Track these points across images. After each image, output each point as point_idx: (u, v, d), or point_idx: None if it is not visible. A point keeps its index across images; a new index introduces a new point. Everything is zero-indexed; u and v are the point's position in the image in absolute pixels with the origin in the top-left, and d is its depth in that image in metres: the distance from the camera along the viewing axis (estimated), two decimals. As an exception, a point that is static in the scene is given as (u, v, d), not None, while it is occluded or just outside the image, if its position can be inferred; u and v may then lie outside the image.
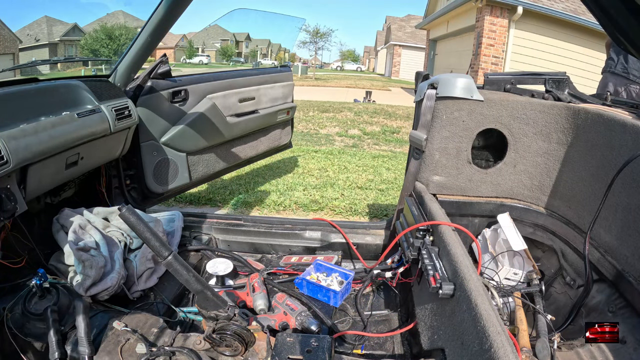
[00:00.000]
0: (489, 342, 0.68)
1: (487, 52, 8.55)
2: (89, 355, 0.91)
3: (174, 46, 43.55)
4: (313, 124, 6.26)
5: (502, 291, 1.20)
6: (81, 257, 1.18)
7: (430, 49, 14.68)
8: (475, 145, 1.45)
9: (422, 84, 1.44)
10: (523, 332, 1.07)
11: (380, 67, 35.01)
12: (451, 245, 1.01)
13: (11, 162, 1.05)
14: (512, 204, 1.47)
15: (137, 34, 1.61)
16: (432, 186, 1.49)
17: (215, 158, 2.18)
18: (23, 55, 2.86)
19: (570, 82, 1.42)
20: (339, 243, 1.68)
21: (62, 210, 1.43)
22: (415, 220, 1.24)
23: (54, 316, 1.00)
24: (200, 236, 1.75)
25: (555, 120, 1.33)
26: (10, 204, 1.08)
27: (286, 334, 1.01)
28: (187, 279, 0.89)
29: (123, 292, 1.27)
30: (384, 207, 2.88)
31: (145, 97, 1.76)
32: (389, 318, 1.40)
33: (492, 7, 8.27)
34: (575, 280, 1.23)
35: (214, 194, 3.03)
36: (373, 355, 1.21)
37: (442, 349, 0.92)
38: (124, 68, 1.65)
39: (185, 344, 0.99)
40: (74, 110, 1.35)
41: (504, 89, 1.49)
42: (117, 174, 1.79)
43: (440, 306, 1.00)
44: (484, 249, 1.46)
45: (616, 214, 1.09)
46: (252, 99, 2.19)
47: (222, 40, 44.81)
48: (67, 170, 1.37)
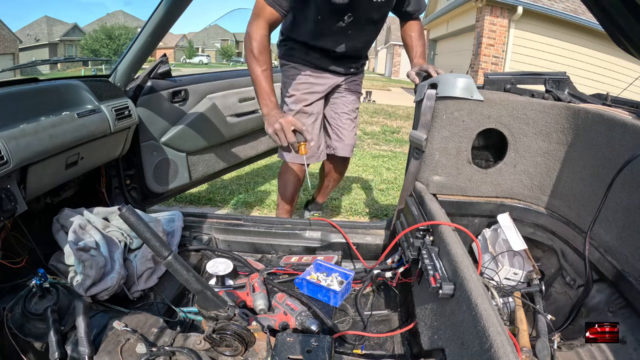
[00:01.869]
0: (489, 342, 0.68)
1: (487, 52, 8.55)
2: (89, 355, 0.91)
3: (174, 46, 43.61)
4: (313, 124, 6.25)
5: (502, 291, 1.20)
6: (81, 257, 1.18)
7: (430, 48, 14.67)
8: (475, 145, 1.45)
9: (422, 84, 1.44)
10: (523, 332, 1.07)
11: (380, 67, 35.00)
12: (451, 245, 1.01)
13: (11, 162, 1.05)
14: (512, 204, 1.48)
15: (137, 34, 1.61)
16: (432, 186, 1.49)
17: (215, 158, 2.18)
18: (23, 55, 2.87)
19: (570, 82, 1.42)
20: (339, 243, 1.68)
21: (62, 210, 1.43)
22: (416, 220, 1.24)
23: (54, 316, 1.00)
24: (200, 236, 1.75)
25: (555, 120, 1.33)
26: (10, 204, 1.08)
27: (286, 334, 1.01)
28: (187, 279, 0.89)
29: (123, 292, 1.27)
30: (384, 207, 2.88)
31: (145, 97, 1.76)
32: (389, 318, 1.40)
33: (492, 7, 8.27)
34: (575, 280, 1.23)
35: (214, 194, 3.03)
36: (373, 355, 1.21)
37: (442, 349, 0.92)
38: (124, 68, 1.65)
39: (185, 344, 0.99)
40: (74, 110, 1.35)
41: (504, 89, 1.49)
42: (117, 174, 1.79)
43: (440, 306, 1.00)
44: (484, 249, 1.46)
45: (616, 214, 1.09)
46: (252, 99, 2.20)
47: (222, 40, 44.74)
48: (67, 170, 1.37)
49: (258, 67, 1.36)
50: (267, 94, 1.35)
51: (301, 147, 1.25)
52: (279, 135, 1.25)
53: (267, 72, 1.37)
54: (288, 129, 1.24)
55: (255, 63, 1.36)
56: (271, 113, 1.31)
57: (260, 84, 1.36)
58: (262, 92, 1.36)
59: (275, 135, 1.26)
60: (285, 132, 1.24)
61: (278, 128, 1.25)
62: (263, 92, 1.36)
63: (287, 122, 1.25)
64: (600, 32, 3.93)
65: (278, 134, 1.25)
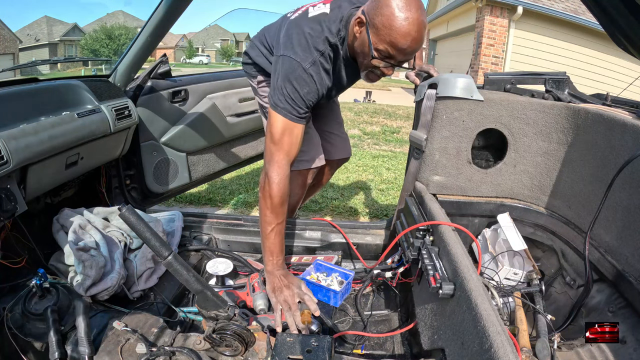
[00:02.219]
0: (489, 342, 0.68)
1: (487, 52, 8.55)
2: (89, 355, 0.92)
3: (174, 46, 43.61)
4: (313, 124, 6.25)
5: (502, 291, 1.20)
6: (81, 257, 1.18)
7: (430, 48, 14.67)
8: (475, 145, 1.45)
9: (422, 84, 1.44)
10: (523, 332, 1.07)
11: (380, 67, 34.88)
12: (451, 245, 1.01)
13: (11, 162, 1.05)
14: (512, 204, 1.48)
15: (137, 34, 1.61)
16: (432, 186, 1.49)
17: (215, 158, 2.18)
18: (23, 55, 2.87)
19: (570, 82, 1.42)
20: (339, 243, 1.68)
21: (62, 210, 1.43)
22: (415, 220, 1.24)
23: (54, 316, 1.00)
24: (200, 236, 1.75)
25: (555, 120, 1.33)
26: (10, 204, 1.08)
27: (286, 334, 1.01)
28: (187, 279, 0.89)
29: (123, 292, 1.27)
30: (384, 207, 2.88)
31: (145, 97, 1.76)
32: (389, 318, 1.40)
33: (492, 7, 8.27)
34: (575, 280, 1.23)
35: (214, 194, 3.03)
36: (373, 355, 1.21)
37: (442, 349, 0.92)
38: (124, 68, 1.65)
39: (185, 344, 0.99)
40: (74, 110, 1.35)
41: (504, 89, 1.49)
42: (117, 174, 1.79)
43: (440, 306, 1.00)
44: (484, 249, 1.46)
45: (616, 214, 1.09)
46: (252, 99, 2.19)
47: (222, 40, 44.74)
48: (67, 170, 1.37)
49: (274, 220, 1.18)
50: (275, 254, 1.21)
51: (304, 315, 1.13)
52: (283, 307, 1.13)
53: (281, 225, 1.21)
54: (294, 302, 1.14)
55: (272, 214, 1.18)
56: (275, 273, 1.19)
57: (269, 239, 1.20)
58: (270, 249, 1.21)
59: (278, 305, 1.14)
60: (291, 305, 1.13)
61: (280, 300, 1.14)
62: (273, 249, 1.21)
63: (292, 295, 1.14)
64: (600, 32, 3.93)
65: (283, 306, 1.13)
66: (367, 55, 1.12)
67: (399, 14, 1.00)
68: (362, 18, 1.09)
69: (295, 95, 1.17)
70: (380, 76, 1.21)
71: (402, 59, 1.11)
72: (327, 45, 1.20)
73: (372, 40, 1.07)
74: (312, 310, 1.14)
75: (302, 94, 1.17)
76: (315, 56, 1.17)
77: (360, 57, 1.18)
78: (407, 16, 1.00)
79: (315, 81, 1.18)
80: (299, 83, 1.16)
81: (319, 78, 1.20)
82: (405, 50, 1.06)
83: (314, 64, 1.17)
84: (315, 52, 1.17)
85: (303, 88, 1.17)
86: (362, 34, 1.11)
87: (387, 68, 1.14)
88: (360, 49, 1.15)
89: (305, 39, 1.18)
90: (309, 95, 1.19)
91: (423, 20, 1.03)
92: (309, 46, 1.17)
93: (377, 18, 1.04)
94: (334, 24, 1.20)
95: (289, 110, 1.17)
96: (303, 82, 1.17)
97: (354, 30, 1.14)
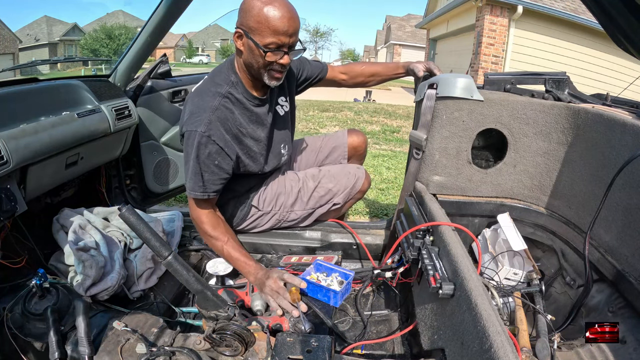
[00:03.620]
0: (489, 342, 0.68)
1: (487, 52, 8.55)
2: (89, 355, 0.91)
3: (174, 46, 43.57)
4: (313, 123, 6.26)
5: (502, 291, 1.20)
6: (81, 257, 1.18)
7: (430, 48, 14.67)
8: (475, 145, 1.45)
9: (422, 84, 1.44)
10: (523, 332, 1.07)
11: (380, 66, 34.85)
12: (451, 245, 1.01)
13: (11, 162, 1.05)
14: (512, 204, 1.48)
15: (137, 34, 1.61)
16: (432, 186, 1.49)
17: (215, 158, 2.17)
18: (23, 55, 2.87)
19: (570, 82, 1.42)
20: (339, 243, 1.68)
21: (62, 210, 1.43)
22: (415, 220, 1.24)
23: (54, 316, 1.00)
24: (200, 236, 1.75)
25: (555, 120, 1.33)
26: (10, 204, 1.08)
27: (286, 334, 1.01)
28: (187, 279, 0.89)
29: (123, 292, 1.27)
30: (384, 207, 2.88)
31: (145, 97, 1.76)
32: (389, 318, 1.40)
33: (492, 7, 8.27)
34: (575, 280, 1.23)
35: (214, 193, 3.03)
36: (373, 355, 1.21)
37: (442, 349, 0.92)
38: (124, 68, 1.65)
39: (185, 344, 0.99)
40: (74, 110, 1.35)
41: (504, 89, 1.49)
42: (117, 174, 1.79)
43: (440, 306, 1.00)
44: (484, 249, 1.46)
45: (616, 214, 1.09)
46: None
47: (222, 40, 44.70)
48: (67, 170, 1.37)
49: (219, 243, 1.30)
50: (243, 263, 1.28)
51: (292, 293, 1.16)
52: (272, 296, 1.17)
53: (230, 241, 1.30)
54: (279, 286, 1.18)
55: (215, 240, 1.31)
56: (258, 277, 1.23)
57: (230, 256, 1.30)
58: (237, 263, 1.29)
59: (270, 298, 1.18)
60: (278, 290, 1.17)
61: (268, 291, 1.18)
62: (238, 262, 1.29)
63: (275, 281, 1.19)
64: (600, 32, 3.93)
65: (272, 296, 1.17)
66: (260, 55, 1.17)
67: (265, 6, 1.10)
68: (239, 31, 1.18)
69: (205, 168, 1.24)
70: (281, 71, 1.23)
71: (291, 42, 1.17)
72: (217, 97, 1.24)
73: (258, 40, 1.14)
74: (297, 284, 1.17)
75: (211, 162, 1.24)
76: (208, 114, 1.21)
77: (255, 64, 1.21)
78: (273, 4, 1.11)
79: (215, 141, 1.22)
80: (202, 152, 1.22)
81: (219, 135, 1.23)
82: (287, 31, 1.13)
83: (210, 122, 1.21)
84: (207, 111, 1.22)
85: (208, 155, 1.23)
86: (246, 43, 1.18)
87: (282, 58, 1.18)
88: (251, 56, 1.20)
89: (196, 105, 1.24)
90: (217, 157, 1.24)
91: (287, 1, 1.14)
92: (200, 109, 1.23)
93: (250, 21, 1.13)
94: (217, 76, 1.30)
95: (202, 190, 1.26)
96: (203, 147, 1.21)
97: (238, 46, 1.21)
